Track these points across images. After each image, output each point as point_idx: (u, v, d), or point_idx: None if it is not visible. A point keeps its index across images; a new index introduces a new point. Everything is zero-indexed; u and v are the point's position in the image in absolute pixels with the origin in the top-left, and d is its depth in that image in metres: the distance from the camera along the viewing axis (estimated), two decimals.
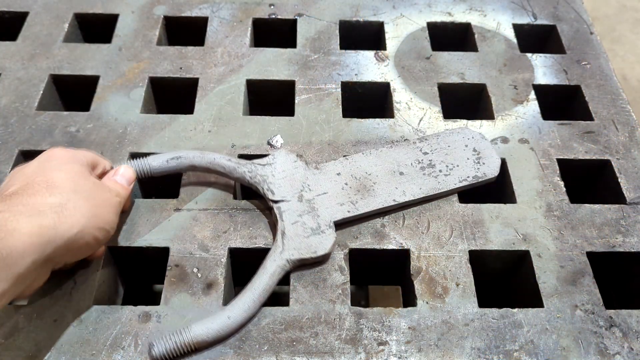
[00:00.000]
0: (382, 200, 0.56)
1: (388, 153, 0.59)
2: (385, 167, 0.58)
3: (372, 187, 0.56)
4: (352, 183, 0.57)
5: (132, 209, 0.56)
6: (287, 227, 0.53)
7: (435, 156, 0.59)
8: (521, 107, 0.67)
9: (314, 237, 0.52)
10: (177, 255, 0.53)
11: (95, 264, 0.52)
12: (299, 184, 0.56)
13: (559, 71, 0.72)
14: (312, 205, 0.54)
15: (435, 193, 0.57)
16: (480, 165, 0.59)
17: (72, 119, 0.63)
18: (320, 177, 0.57)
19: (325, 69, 0.70)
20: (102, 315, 0.49)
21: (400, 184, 0.57)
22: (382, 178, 0.57)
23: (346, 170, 0.58)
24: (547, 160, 0.62)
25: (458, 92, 0.70)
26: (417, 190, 0.57)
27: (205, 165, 0.55)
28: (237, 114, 0.65)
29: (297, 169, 0.57)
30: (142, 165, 0.55)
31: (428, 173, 0.58)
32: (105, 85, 0.67)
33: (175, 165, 0.55)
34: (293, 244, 0.52)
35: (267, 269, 0.50)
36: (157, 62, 0.70)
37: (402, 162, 0.59)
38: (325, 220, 0.53)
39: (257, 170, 0.56)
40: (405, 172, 0.58)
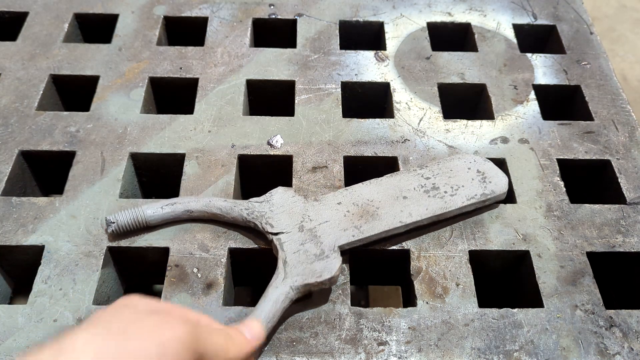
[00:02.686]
0: (388, 223, 0.53)
1: (388, 181, 0.57)
2: (387, 194, 0.56)
3: (375, 212, 0.54)
4: (354, 210, 0.54)
5: None
6: (288, 256, 0.50)
7: (439, 179, 0.57)
8: (521, 107, 0.67)
9: (318, 263, 0.50)
10: (177, 255, 0.53)
11: (94, 263, 0.52)
12: (298, 215, 0.53)
13: (559, 71, 0.72)
14: (314, 234, 0.52)
15: (443, 212, 0.54)
16: (486, 183, 0.56)
17: (72, 119, 0.63)
18: (320, 207, 0.54)
19: (325, 69, 0.70)
20: None
21: (405, 206, 0.54)
22: (385, 203, 0.55)
23: (347, 199, 0.55)
24: (547, 160, 0.62)
25: (458, 92, 0.70)
26: (423, 211, 0.54)
27: (200, 209, 0.54)
28: (237, 114, 0.65)
29: (296, 202, 0.54)
30: (137, 214, 0.53)
31: (433, 195, 0.55)
32: (105, 85, 0.67)
33: (171, 212, 0.53)
34: (296, 270, 0.49)
35: (269, 296, 0.48)
36: (157, 62, 0.70)
37: (405, 187, 0.56)
38: (329, 245, 0.51)
39: (254, 207, 0.54)
40: (408, 196, 0.55)
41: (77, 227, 0.54)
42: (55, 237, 0.54)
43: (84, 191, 0.57)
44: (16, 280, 0.59)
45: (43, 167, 0.63)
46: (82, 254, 0.53)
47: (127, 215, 0.53)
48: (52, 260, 0.52)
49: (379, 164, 0.62)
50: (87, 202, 0.56)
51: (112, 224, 0.52)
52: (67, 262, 0.52)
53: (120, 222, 0.52)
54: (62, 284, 0.51)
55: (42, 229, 0.54)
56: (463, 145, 0.63)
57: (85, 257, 0.52)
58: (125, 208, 0.52)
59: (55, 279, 0.51)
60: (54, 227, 0.54)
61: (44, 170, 0.63)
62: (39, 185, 0.65)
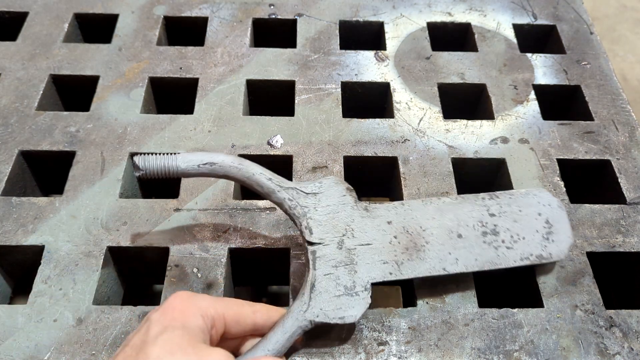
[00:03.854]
0: (431, 267, 0.49)
1: (451, 207, 0.51)
2: (443, 224, 0.50)
3: (423, 247, 0.49)
4: (402, 238, 0.49)
5: (132, 209, 0.56)
6: (318, 279, 0.46)
7: (502, 221, 0.51)
8: (521, 107, 0.67)
9: (345, 298, 0.46)
10: (177, 255, 0.53)
11: (94, 263, 0.52)
12: (342, 225, 0.49)
13: (559, 71, 0.72)
14: (352, 257, 0.48)
15: (490, 269, 0.50)
16: (548, 242, 0.51)
17: (72, 119, 0.63)
18: (367, 222, 0.49)
19: (325, 69, 0.70)
20: (102, 315, 0.49)
21: (456, 249, 0.49)
22: (437, 238, 0.50)
23: (399, 219, 0.50)
24: (547, 160, 0.62)
25: (458, 92, 0.70)
26: (471, 261, 0.49)
27: (241, 179, 0.48)
28: (237, 114, 0.65)
29: (345, 205, 0.49)
30: (169, 163, 0.47)
31: (489, 242, 0.50)
32: (105, 85, 0.67)
33: (207, 172, 0.48)
34: (320, 301, 0.45)
35: (287, 328, 0.44)
36: (157, 62, 0.70)
37: (464, 221, 0.51)
38: (362, 280, 0.47)
39: (299, 198, 0.49)
40: (464, 234, 0.50)
41: (77, 227, 0.54)
42: (55, 237, 0.54)
43: (84, 191, 0.57)
44: (16, 280, 0.59)
45: (43, 167, 0.63)
46: (82, 254, 0.53)
47: (157, 164, 0.47)
48: (52, 260, 0.52)
49: (379, 164, 0.62)
50: (87, 202, 0.56)
51: (140, 171, 0.47)
52: (67, 262, 0.52)
53: (149, 171, 0.47)
54: (62, 284, 0.51)
55: (42, 229, 0.54)
56: (463, 145, 0.63)
57: (85, 257, 0.52)
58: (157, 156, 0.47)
59: (55, 279, 0.51)
60: (54, 227, 0.54)
61: (44, 170, 0.63)
62: (39, 185, 0.65)
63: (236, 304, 0.43)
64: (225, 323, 0.42)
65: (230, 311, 0.42)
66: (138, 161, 0.46)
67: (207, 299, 0.42)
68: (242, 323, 0.43)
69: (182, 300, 0.40)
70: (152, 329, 0.38)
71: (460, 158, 0.62)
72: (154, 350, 0.37)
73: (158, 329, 0.38)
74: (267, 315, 0.44)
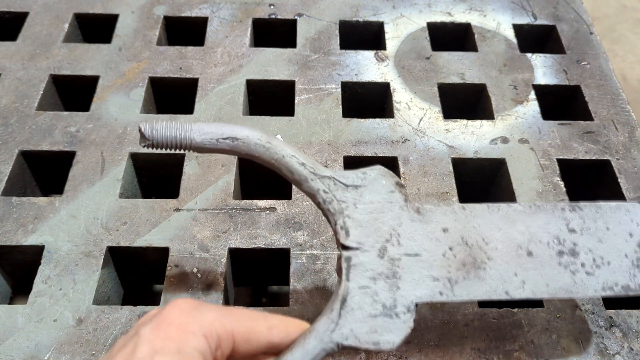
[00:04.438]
0: (491, 290, 0.40)
1: (522, 216, 0.43)
2: (510, 237, 0.42)
3: (483, 265, 0.41)
4: (458, 250, 0.41)
5: (132, 209, 0.56)
6: (351, 293, 0.38)
7: (584, 239, 0.42)
8: (521, 107, 0.67)
9: (382, 319, 0.38)
10: (177, 256, 0.53)
11: (94, 263, 0.52)
12: (387, 228, 0.40)
13: (558, 71, 0.72)
14: (395, 269, 0.39)
15: (562, 297, 0.41)
16: (639, 271, 0.42)
17: (72, 119, 0.63)
18: (418, 227, 0.41)
19: (325, 69, 0.70)
20: (101, 315, 0.49)
21: (523, 269, 0.41)
22: (502, 254, 0.41)
23: (457, 226, 0.42)
24: (547, 160, 0.62)
25: (458, 92, 0.70)
26: (541, 287, 0.41)
27: (267, 160, 0.41)
28: (237, 114, 0.65)
29: (392, 204, 0.41)
30: (182, 134, 0.40)
31: (565, 264, 0.42)
32: (105, 85, 0.67)
33: (227, 148, 0.40)
34: (352, 321, 0.37)
35: (308, 349, 0.36)
36: (157, 62, 0.70)
37: (537, 235, 0.42)
38: (405, 299, 0.38)
39: (336, 191, 0.41)
40: (535, 252, 0.42)
41: (77, 227, 0.54)
42: (55, 237, 0.54)
43: (84, 191, 0.57)
44: (16, 280, 0.59)
45: (43, 167, 0.63)
46: (82, 254, 0.53)
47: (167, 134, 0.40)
48: (52, 260, 0.52)
49: (379, 164, 0.62)
50: (87, 202, 0.56)
51: (146, 141, 0.40)
52: (67, 262, 0.52)
53: (157, 141, 0.40)
54: (62, 284, 0.51)
55: (42, 229, 0.54)
56: (463, 145, 0.63)
57: (85, 257, 0.52)
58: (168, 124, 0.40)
59: (55, 279, 0.51)
60: (54, 227, 0.54)
61: (44, 170, 0.63)
62: (39, 185, 0.65)
63: (249, 317, 0.35)
64: (234, 341, 0.34)
65: (241, 327, 0.34)
66: (145, 129, 0.39)
67: (213, 311, 0.34)
68: (254, 341, 0.35)
69: (181, 314, 0.33)
70: (140, 350, 0.31)
71: (460, 158, 0.62)
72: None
73: (146, 351, 0.31)
74: (286, 333, 0.36)
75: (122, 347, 0.32)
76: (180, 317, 0.32)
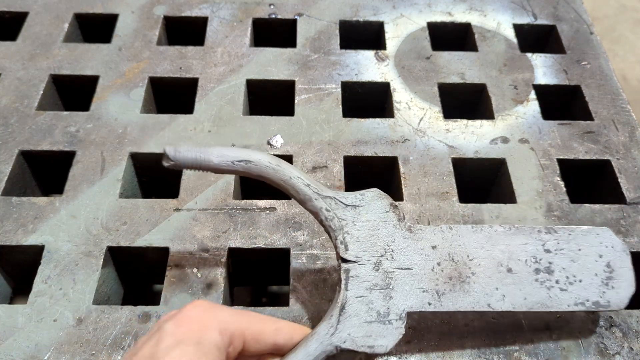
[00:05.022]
0: (474, 302, 0.45)
1: (502, 237, 0.47)
2: (492, 255, 0.46)
3: (467, 279, 0.45)
4: (446, 266, 0.45)
5: (132, 209, 0.56)
6: (349, 301, 0.43)
7: (559, 259, 0.47)
8: (521, 107, 0.67)
9: (376, 325, 0.42)
10: (177, 255, 0.53)
11: (94, 263, 0.52)
12: (381, 244, 0.45)
13: (559, 71, 0.72)
14: (389, 281, 0.44)
15: (538, 310, 0.46)
16: (608, 289, 0.46)
17: (72, 119, 0.63)
18: (410, 244, 0.46)
19: (325, 69, 0.70)
20: (101, 315, 0.49)
21: (504, 284, 0.45)
22: (484, 269, 0.46)
23: (445, 244, 0.46)
24: (547, 160, 0.62)
25: (458, 92, 0.70)
26: (520, 300, 0.45)
27: (276, 181, 0.45)
28: (237, 113, 0.65)
29: (386, 223, 0.46)
30: (202, 156, 0.44)
31: (541, 280, 0.46)
32: (105, 85, 0.67)
33: (241, 170, 0.45)
34: (349, 326, 0.42)
35: (310, 351, 0.40)
36: (157, 62, 0.70)
37: (516, 254, 0.47)
38: (397, 307, 0.43)
39: (337, 209, 0.45)
40: (514, 269, 0.46)
41: (77, 227, 0.54)
42: (55, 237, 0.54)
43: (84, 191, 0.57)
44: (16, 280, 0.59)
45: (43, 167, 0.63)
46: (82, 254, 0.53)
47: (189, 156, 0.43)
48: (52, 260, 0.52)
49: (379, 164, 0.62)
50: (87, 202, 0.56)
51: (170, 162, 0.44)
52: (67, 262, 0.52)
53: (180, 163, 0.44)
54: (62, 283, 0.51)
55: (42, 229, 0.54)
56: (463, 145, 0.63)
57: (85, 257, 0.52)
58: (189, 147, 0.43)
59: (55, 278, 0.51)
60: (54, 227, 0.54)
61: (44, 170, 0.63)
62: (39, 185, 0.65)
63: (259, 320, 0.40)
64: (245, 340, 0.39)
65: (252, 328, 0.39)
66: (169, 151, 0.43)
67: (228, 312, 0.39)
68: (262, 342, 0.40)
69: (200, 311, 0.37)
70: (164, 341, 0.35)
71: (461, 158, 0.62)
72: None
73: (171, 342, 0.35)
74: (290, 335, 0.41)
75: (146, 341, 0.36)
76: (199, 315, 0.37)
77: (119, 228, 0.55)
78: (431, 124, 0.65)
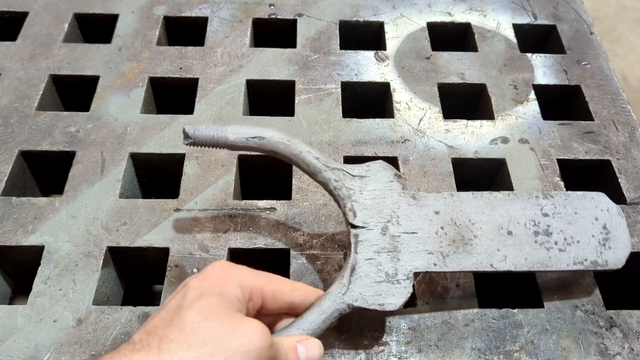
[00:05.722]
0: (477, 262, 0.47)
1: (502, 203, 0.49)
2: (493, 219, 0.48)
3: (470, 241, 0.47)
4: (449, 229, 0.48)
5: (132, 210, 0.56)
6: (359, 263, 0.45)
7: (556, 222, 0.49)
8: (521, 107, 0.67)
9: (385, 285, 0.45)
10: (177, 256, 0.53)
11: (94, 263, 0.52)
12: (387, 211, 0.47)
13: (559, 71, 0.72)
14: (395, 244, 0.46)
15: (539, 270, 0.48)
16: (605, 249, 0.48)
17: (72, 119, 0.63)
18: (414, 210, 0.48)
19: (325, 69, 0.70)
20: (101, 315, 0.49)
21: (505, 246, 0.48)
22: (486, 232, 0.48)
23: (447, 210, 0.48)
24: (547, 160, 0.62)
25: (458, 92, 0.70)
26: (521, 260, 0.47)
27: (287, 156, 0.48)
28: (237, 114, 0.65)
29: (391, 191, 0.48)
30: (219, 134, 0.47)
31: (540, 242, 0.48)
32: (105, 85, 0.67)
33: (255, 146, 0.48)
34: (360, 286, 0.44)
35: (324, 309, 0.43)
36: (157, 62, 0.70)
37: (515, 218, 0.49)
38: (404, 268, 0.46)
39: (345, 180, 0.48)
40: (514, 232, 0.48)
41: (77, 228, 0.54)
42: (55, 238, 0.54)
43: (84, 191, 0.57)
44: (16, 280, 0.59)
45: (43, 167, 0.63)
46: (82, 254, 0.53)
47: (207, 134, 0.47)
48: (52, 261, 0.52)
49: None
50: (87, 202, 0.56)
51: (189, 140, 0.47)
52: (67, 263, 0.52)
53: (198, 140, 0.47)
54: (61, 284, 0.51)
55: (41, 229, 0.54)
56: (463, 145, 0.63)
57: (85, 257, 0.52)
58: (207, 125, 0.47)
59: (55, 279, 0.51)
60: (53, 227, 0.54)
61: (44, 170, 0.63)
62: (39, 185, 0.65)
63: (275, 280, 0.43)
64: (263, 297, 0.41)
65: (269, 286, 0.41)
66: (188, 130, 0.46)
67: (247, 271, 0.41)
68: (279, 300, 0.42)
69: (221, 269, 0.40)
70: (189, 294, 0.38)
71: (461, 158, 0.62)
72: (188, 315, 0.36)
73: (195, 294, 0.38)
74: (305, 295, 0.44)
75: (173, 297, 0.38)
76: (221, 272, 0.40)
77: (119, 228, 0.54)
78: (431, 124, 0.65)
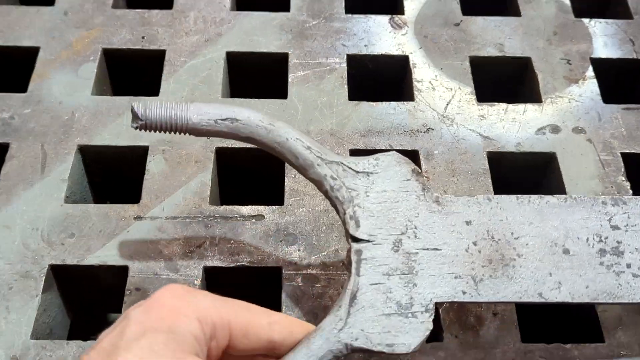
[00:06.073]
0: (521, 290, 0.44)
1: (556, 210, 0.47)
2: (543, 232, 0.46)
3: (512, 262, 0.44)
4: (484, 245, 0.45)
5: (82, 218, 0.56)
6: (362, 289, 0.42)
7: (629, 237, 0.46)
8: (576, 87, 0.67)
9: (397, 319, 0.41)
10: (138, 277, 0.53)
11: (33, 286, 0.52)
12: (402, 219, 0.45)
13: (623, 41, 0.72)
14: (411, 264, 0.43)
15: (607, 302, 0.44)
16: None
17: (5, 102, 0.63)
18: (437, 219, 0.45)
19: (326, 39, 0.70)
20: (42, 352, 0.49)
21: (559, 269, 0.44)
22: (534, 250, 0.45)
23: (482, 218, 0.46)
24: (608, 154, 0.62)
25: (495, 68, 0.70)
26: (580, 289, 0.44)
27: (269, 145, 0.45)
28: (214, 95, 0.65)
29: (408, 193, 0.46)
30: (178, 113, 0.45)
31: (607, 264, 0.45)
32: (46, 60, 0.67)
33: (226, 130, 0.45)
34: (362, 320, 0.41)
35: (313, 350, 0.39)
36: (112, 29, 0.70)
37: (574, 231, 0.46)
38: (423, 297, 0.42)
39: (345, 177, 0.46)
40: (572, 250, 0.45)
41: (12, 241, 0.54)
42: None
43: (19, 194, 0.57)
44: None
45: None
46: (18, 275, 0.53)
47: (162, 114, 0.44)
48: None
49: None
50: (24, 209, 0.56)
51: (139, 121, 0.45)
52: None
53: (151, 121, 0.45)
54: None
55: None
56: (502, 135, 0.63)
57: (22, 278, 0.52)
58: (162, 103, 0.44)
59: None
60: None
61: None
62: None
63: (248, 310, 0.39)
64: (231, 334, 0.38)
65: (240, 318, 0.38)
66: (137, 108, 0.44)
67: (210, 298, 0.38)
68: (252, 337, 0.38)
69: (173, 297, 0.37)
70: (129, 330, 0.35)
71: (499, 152, 0.62)
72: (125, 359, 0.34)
73: (136, 330, 0.35)
74: (288, 331, 0.40)
75: (109, 332, 0.36)
76: (173, 300, 0.37)
77: (64, 242, 0.55)
78: (461, 109, 0.65)
